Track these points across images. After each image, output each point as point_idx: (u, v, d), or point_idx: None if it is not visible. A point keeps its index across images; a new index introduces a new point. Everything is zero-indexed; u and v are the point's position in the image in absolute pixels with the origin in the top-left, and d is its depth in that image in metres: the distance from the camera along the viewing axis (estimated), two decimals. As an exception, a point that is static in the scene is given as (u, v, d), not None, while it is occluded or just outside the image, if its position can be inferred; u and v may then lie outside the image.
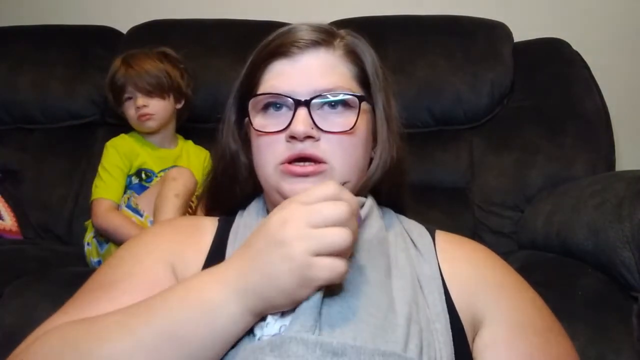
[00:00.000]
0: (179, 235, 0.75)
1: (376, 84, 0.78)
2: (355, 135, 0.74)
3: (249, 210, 0.79)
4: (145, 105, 1.44)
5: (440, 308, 0.66)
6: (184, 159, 1.52)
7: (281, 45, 0.75)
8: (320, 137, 0.72)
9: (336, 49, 0.76)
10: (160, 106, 1.46)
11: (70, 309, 0.66)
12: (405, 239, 0.74)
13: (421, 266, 0.70)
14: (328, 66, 0.75)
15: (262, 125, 0.75)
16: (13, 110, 1.67)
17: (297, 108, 0.72)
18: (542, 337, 0.67)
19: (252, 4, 1.88)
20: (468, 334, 0.66)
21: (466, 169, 1.53)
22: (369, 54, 0.79)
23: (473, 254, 0.75)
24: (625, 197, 1.02)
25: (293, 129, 0.71)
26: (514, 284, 0.72)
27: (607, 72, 1.64)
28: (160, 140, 1.52)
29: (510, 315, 0.68)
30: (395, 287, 0.65)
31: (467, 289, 0.69)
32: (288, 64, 0.75)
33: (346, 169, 0.73)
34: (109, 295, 0.65)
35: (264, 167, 0.75)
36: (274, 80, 0.75)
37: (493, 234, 1.45)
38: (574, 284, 1.02)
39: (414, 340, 0.60)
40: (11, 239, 1.51)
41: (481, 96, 1.55)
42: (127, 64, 1.46)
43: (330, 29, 0.79)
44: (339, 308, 0.59)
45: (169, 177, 1.32)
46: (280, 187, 0.73)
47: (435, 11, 1.69)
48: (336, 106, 0.73)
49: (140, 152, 1.47)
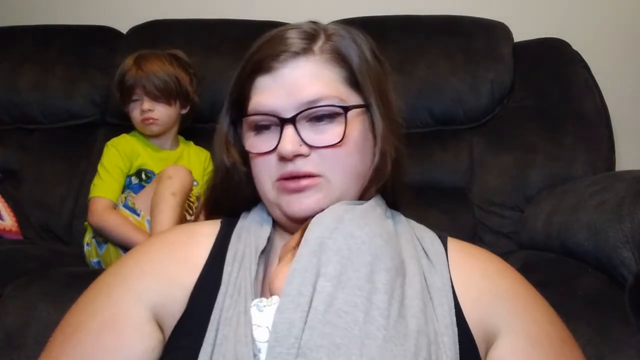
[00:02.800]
0: (169, 257, 0.72)
1: (366, 83, 0.75)
2: (347, 144, 0.72)
3: (253, 215, 0.78)
4: (150, 110, 1.43)
5: (449, 320, 0.64)
6: (185, 160, 1.51)
7: (261, 60, 0.73)
8: (311, 152, 0.71)
9: (317, 54, 0.73)
10: (165, 112, 1.45)
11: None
12: (416, 247, 0.72)
13: (432, 277, 0.68)
14: (311, 76, 0.72)
15: (254, 145, 0.74)
16: (13, 110, 1.67)
17: (283, 127, 0.71)
18: (556, 349, 0.66)
19: (252, 4, 1.88)
20: (480, 347, 0.65)
21: (466, 169, 1.53)
22: (356, 51, 0.75)
23: (487, 263, 0.73)
24: (625, 197, 1.01)
25: (280, 150, 0.71)
26: (527, 295, 0.71)
27: (607, 72, 1.64)
28: (161, 142, 1.51)
29: (525, 327, 0.67)
30: (407, 293, 0.64)
31: (480, 301, 0.68)
32: (270, 79, 0.73)
33: (342, 178, 0.72)
34: (70, 350, 0.65)
35: (262, 185, 0.75)
36: (259, 97, 0.73)
37: (493, 234, 1.45)
38: (574, 284, 1.02)
39: (423, 354, 0.58)
40: (11, 239, 1.51)
41: (481, 96, 1.55)
42: (138, 65, 1.44)
43: (313, 31, 0.76)
44: (343, 322, 0.58)
45: (165, 175, 1.31)
46: (279, 203, 0.73)
47: (435, 11, 1.69)
48: (324, 117, 0.72)
49: (141, 153, 1.46)
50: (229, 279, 0.68)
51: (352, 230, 0.66)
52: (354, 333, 0.57)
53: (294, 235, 0.71)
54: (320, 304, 0.59)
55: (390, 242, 0.68)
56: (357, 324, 0.58)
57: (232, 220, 0.78)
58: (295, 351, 0.56)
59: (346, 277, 0.61)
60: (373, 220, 0.70)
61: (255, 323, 0.61)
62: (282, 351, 0.56)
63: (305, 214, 0.71)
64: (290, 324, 0.57)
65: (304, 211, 0.71)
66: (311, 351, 0.55)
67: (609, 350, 0.89)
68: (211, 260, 0.71)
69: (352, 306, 0.59)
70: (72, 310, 0.70)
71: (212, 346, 0.61)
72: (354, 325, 0.57)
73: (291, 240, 0.71)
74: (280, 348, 0.56)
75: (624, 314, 0.95)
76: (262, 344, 0.59)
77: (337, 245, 0.64)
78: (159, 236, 0.80)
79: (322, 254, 0.63)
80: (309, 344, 0.56)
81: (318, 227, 0.66)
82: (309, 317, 0.58)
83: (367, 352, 0.56)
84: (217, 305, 0.65)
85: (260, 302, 0.63)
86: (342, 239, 0.65)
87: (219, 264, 0.70)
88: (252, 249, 0.71)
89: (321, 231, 0.65)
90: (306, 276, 0.61)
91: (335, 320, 0.58)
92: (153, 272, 0.70)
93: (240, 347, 0.59)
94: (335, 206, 0.70)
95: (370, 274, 0.62)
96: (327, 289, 0.60)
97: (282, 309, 0.59)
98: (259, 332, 0.60)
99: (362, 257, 0.63)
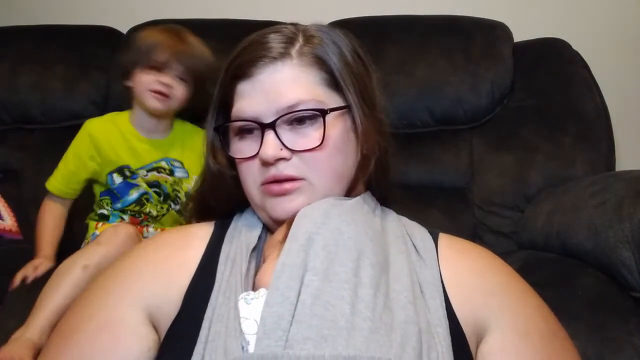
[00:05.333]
0: (164, 260, 0.73)
1: (346, 84, 0.75)
2: (327, 147, 0.73)
3: (246, 215, 0.79)
4: (170, 86, 1.28)
5: (441, 313, 0.65)
6: (177, 149, 1.38)
7: (240, 66, 0.75)
8: (292, 155, 0.72)
9: (295, 58, 0.74)
10: (182, 95, 1.31)
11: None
12: (406, 243, 0.73)
13: (422, 272, 0.70)
14: (289, 80, 0.73)
15: (238, 150, 0.76)
16: (13, 110, 1.67)
17: (264, 132, 0.72)
18: (547, 344, 0.67)
19: (252, 4, 1.88)
20: (470, 341, 0.66)
21: (466, 169, 1.53)
22: (335, 52, 0.76)
23: (477, 259, 0.74)
24: (625, 197, 1.02)
25: (262, 154, 0.72)
26: (518, 289, 0.72)
27: (607, 72, 1.64)
28: (151, 128, 1.36)
29: (515, 321, 0.67)
30: (393, 287, 0.65)
31: (470, 296, 0.68)
32: (249, 85, 0.74)
33: (324, 180, 0.73)
34: (68, 351, 0.66)
35: (248, 189, 0.77)
36: (240, 103, 0.75)
37: (493, 234, 1.45)
38: (574, 284, 1.02)
39: (411, 343, 0.59)
40: (11, 239, 1.50)
41: (481, 96, 1.55)
42: (178, 36, 1.29)
43: (290, 34, 0.76)
44: (330, 315, 0.59)
45: (98, 239, 1.19)
46: (264, 206, 0.75)
47: (435, 11, 1.69)
48: (304, 120, 0.73)
49: (120, 146, 1.33)
50: (222, 278, 0.69)
51: (340, 225, 0.67)
52: (341, 324, 0.58)
53: (279, 229, 0.72)
54: (307, 297, 0.60)
55: (376, 238, 0.69)
56: (343, 315, 0.59)
57: (225, 222, 0.79)
58: (283, 343, 0.57)
59: (333, 272, 0.62)
60: (360, 216, 0.71)
61: (243, 316, 0.62)
62: (271, 343, 0.57)
63: (289, 216, 0.72)
64: (278, 317, 0.58)
65: (288, 214, 0.72)
66: (298, 343, 0.56)
67: (608, 350, 0.89)
68: (205, 262, 0.72)
69: (338, 299, 0.60)
70: (69, 312, 0.71)
71: (204, 343, 0.62)
72: (340, 317, 0.59)
73: (277, 234, 0.72)
74: (269, 340, 0.57)
75: (624, 314, 0.95)
76: (250, 336, 0.60)
77: (325, 241, 0.65)
78: (154, 239, 0.81)
79: (310, 249, 0.64)
80: (296, 337, 0.57)
81: (306, 221, 0.68)
82: (296, 310, 0.59)
83: (353, 343, 0.57)
84: (210, 303, 0.66)
85: (248, 295, 0.64)
86: (329, 234, 0.66)
87: (212, 265, 0.71)
88: (244, 248, 0.73)
89: (309, 226, 0.67)
90: (294, 270, 0.62)
91: (323, 312, 0.59)
92: (148, 274, 0.71)
93: (230, 340, 0.60)
94: (322, 201, 0.71)
95: (356, 269, 0.63)
96: (314, 282, 0.61)
97: (270, 303, 0.60)
98: (247, 325, 0.61)
99: (349, 252, 0.64)
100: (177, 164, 1.38)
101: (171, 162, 1.38)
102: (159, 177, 1.36)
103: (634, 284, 0.97)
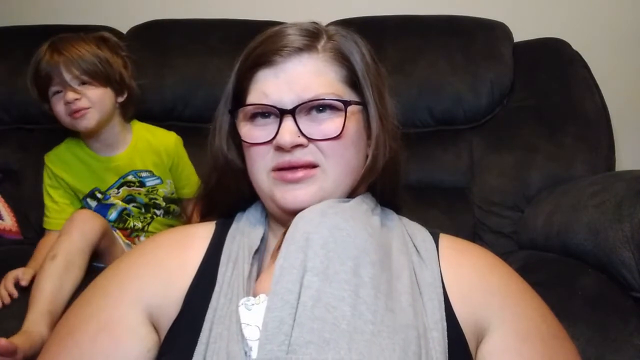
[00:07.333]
0: (164, 260, 0.73)
1: (366, 83, 0.76)
2: (344, 138, 0.73)
3: (248, 215, 0.79)
4: (77, 99, 1.20)
5: (438, 316, 0.65)
6: (139, 158, 1.31)
7: (264, 54, 0.74)
8: (309, 143, 0.72)
9: (320, 52, 0.75)
10: (98, 97, 1.22)
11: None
12: (407, 244, 0.73)
13: (422, 272, 0.69)
14: (312, 73, 0.74)
15: (250, 136, 0.75)
16: (13, 110, 1.67)
17: (282, 118, 0.72)
18: (547, 344, 0.67)
19: (252, 4, 1.87)
20: (470, 342, 0.66)
21: (466, 169, 1.53)
22: (358, 52, 0.77)
23: (477, 260, 0.74)
24: (625, 197, 1.02)
25: (279, 140, 0.72)
26: (518, 290, 0.72)
27: (607, 72, 1.64)
28: (106, 142, 1.29)
29: (515, 322, 0.67)
30: (394, 287, 0.65)
31: (470, 297, 0.68)
32: (272, 73, 0.74)
33: (338, 170, 0.73)
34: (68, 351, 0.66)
35: (257, 175, 0.75)
36: (260, 89, 0.74)
37: (493, 234, 1.45)
38: (574, 284, 1.02)
39: (412, 347, 0.59)
40: (11, 239, 1.50)
41: (481, 96, 1.55)
42: (55, 49, 1.20)
43: (315, 30, 0.77)
44: (331, 317, 0.58)
45: (60, 231, 1.15)
46: (273, 194, 0.74)
47: (435, 11, 1.69)
48: (324, 110, 0.73)
49: (82, 174, 1.29)
50: (223, 279, 0.68)
51: (337, 222, 0.67)
52: (342, 327, 0.58)
53: (280, 238, 0.72)
54: (308, 299, 0.60)
55: (375, 236, 0.68)
56: (345, 318, 0.58)
57: (227, 222, 0.78)
58: (285, 348, 0.56)
59: (333, 271, 0.62)
60: (358, 214, 0.70)
61: (244, 322, 0.62)
62: (273, 348, 0.57)
63: (298, 206, 0.71)
64: (280, 322, 0.58)
65: (297, 203, 0.72)
66: (301, 347, 0.56)
67: (609, 350, 0.89)
68: (206, 262, 0.72)
69: (339, 300, 0.60)
70: (69, 313, 0.71)
71: (205, 345, 0.62)
72: (342, 319, 0.58)
73: (278, 242, 0.72)
74: (271, 345, 0.57)
75: (624, 314, 0.95)
76: (252, 342, 0.60)
77: (323, 239, 0.65)
78: (154, 238, 0.81)
79: (308, 249, 0.64)
80: (298, 341, 0.57)
81: (302, 222, 0.67)
82: (297, 313, 0.59)
83: (355, 347, 0.56)
84: (211, 305, 0.66)
85: (248, 300, 0.64)
86: (327, 231, 0.65)
87: (213, 266, 0.71)
88: (246, 249, 0.72)
89: (306, 227, 0.66)
90: (293, 272, 0.62)
91: (324, 315, 0.58)
92: (149, 275, 0.71)
93: (233, 345, 0.60)
94: (319, 203, 0.71)
95: (356, 267, 0.63)
96: (314, 284, 0.61)
97: (271, 308, 0.60)
98: (249, 331, 0.61)
99: (348, 250, 0.64)
100: (146, 173, 1.35)
101: (138, 175, 1.34)
102: (131, 191, 1.34)
103: (634, 284, 0.97)
